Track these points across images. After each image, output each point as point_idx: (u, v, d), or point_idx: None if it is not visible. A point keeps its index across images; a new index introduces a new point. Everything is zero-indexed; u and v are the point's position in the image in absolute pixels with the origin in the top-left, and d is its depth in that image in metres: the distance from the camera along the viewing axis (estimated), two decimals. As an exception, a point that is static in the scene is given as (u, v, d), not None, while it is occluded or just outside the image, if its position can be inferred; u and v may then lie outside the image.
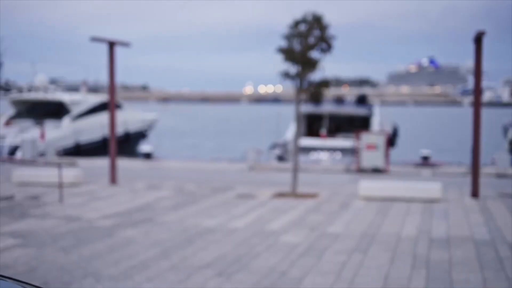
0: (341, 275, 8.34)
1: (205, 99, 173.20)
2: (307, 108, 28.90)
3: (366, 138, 21.38)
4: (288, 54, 15.05)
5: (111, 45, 17.28)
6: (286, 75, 15.24)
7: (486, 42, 15.48)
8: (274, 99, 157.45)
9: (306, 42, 14.97)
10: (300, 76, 15.15)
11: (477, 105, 15.77)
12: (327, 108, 29.37)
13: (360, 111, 29.07)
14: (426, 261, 9.15)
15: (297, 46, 15.04)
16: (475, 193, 15.41)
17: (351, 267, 8.76)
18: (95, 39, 16.87)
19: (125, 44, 17.78)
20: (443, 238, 10.74)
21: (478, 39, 15.36)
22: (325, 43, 14.99)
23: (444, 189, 15.44)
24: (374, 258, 9.27)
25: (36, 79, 35.02)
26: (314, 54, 15.07)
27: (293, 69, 15.16)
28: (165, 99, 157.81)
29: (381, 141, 21.20)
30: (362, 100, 30.38)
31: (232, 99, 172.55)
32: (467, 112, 27.85)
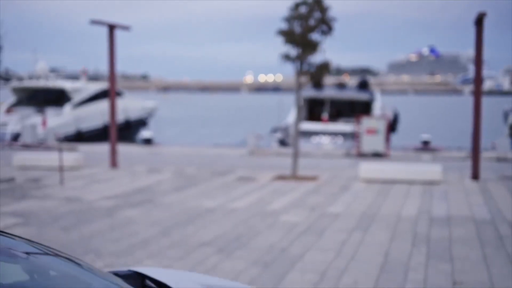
0: (342, 252, 8.35)
1: (205, 88, 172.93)
2: (308, 92, 28.85)
3: (366, 122, 21.35)
4: (288, 36, 15.00)
5: (111, 28, 17.23)
6: (287, 57, 15.19)
7: (486, 31, 15.43)
8: (275, 88, 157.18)
9: (306, 24, 14.91)
10: (300, 58, 15.10)
11: (478, 81, 15.73)
12: (328, 93, 29.31)
13: (362, 96, 29.00)
14: (426, 238, 9.16)
15: (297, 28, 14.99)
16: (475, 175, 15.41)
17: (352, 245, 8.77)
18: (95, 22, 16.82)
19: (125, 28, 17.72)
20: (443, 217, 10.74)
21: (479, 21, 15.30)
22: (325, 25, 14.93)
23: (444, 172, 15.43)
24: (374, 236, 9.28)
25: (37, 66, 34.95)
26: (315, 36, 15.02)
27: (293, 51, 15.11)
28: (165, 89, 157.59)
29: (381, 125, 21.17)
30: (363, 85, 30.29)
31: (232, 88, 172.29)
32: (467, 100, 27.79)
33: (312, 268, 7.52)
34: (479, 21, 15.28)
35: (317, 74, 15.13)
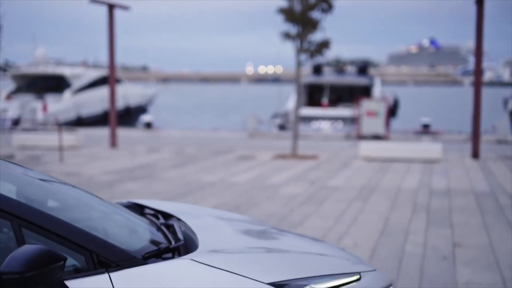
0: (342, 219, 8.35)
1: (205, 79, 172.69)
2: (308, 78, 28.79)
3: (366, 105, 21.32)
4: (289, 14, 14.95)
5: (111, 8, 17.18)
6: (287, 35, 15.15)
7: (486, 23, 15.40)
8: (275, 79, 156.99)
9: (306, 2, 14.85)
10: (300, 36, 15.06)
11: (478, 63, 15.68)
12: (327, 78, 29.26)
13: (361, 80, 28.94)
14: (426, 208, 9.16)
15: (297, 6, 14.94)
16: (475, 154, 15.39)
17: (351, 213, 8.77)
18: (94, 1, 16.76)
19: (124, 8, 17.67)
20: (443, 189, 10.74)
21: (480, 0, 15.25)
22: (325, 3, 14.88)
23: (444, 152, 15.42)
24: (374, 206, 9.28)
25: (37, 52, 34.87)
26: (315, 14, 14.97)
27: (293, 29, 15.07)
28: (165, 79, 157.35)
29: (381, 107, 21.15)
30: (363, 70, 30.23)
31: (232, 79, 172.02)
32: (468, 92, 27.70)
33: (312, 232, 7.51)
34: (480, 0, 15.23)
35: (317, 52, 15.08)
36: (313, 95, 29.09)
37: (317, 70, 30.15)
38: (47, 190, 2.56)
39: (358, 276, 2.68)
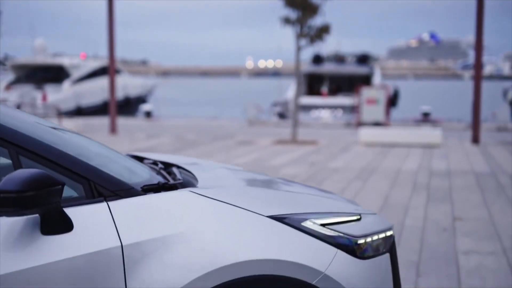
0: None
1: (205, 73, 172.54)
2: (308, 68, 28.76)
3: (366, 92, 21.29)
4: (289, -1, 14.90)
5: (110, -6, 17.15)
6: (286, 20, 15.11)
7: (486, 18, 15.42)
8: (274, 73, 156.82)
9: (306, -14, 14.81)
10: (300, 21, 15.02)
11: (478, 57, 15.65)
12: (327, 67, 29.24)
13: (361, 70, 28.89)
14: (426, 186, 9.15)
15: (297, -10, 14.89)
16: (475, 139, 15.38)
17: (351, 191, 8.76)
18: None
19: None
20: (443, 170, 10.73)
21: (480, -15, 15.22)
22: (325, -13, 14.83)
23: (444, 138, 15.41)
24: (374, 185, 9.27)
25: (36, 42, 34.82)
26: (315, -1, 14.92)
27: (293, 14, 15.03)
28: (165, 73, 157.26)
29: (381, 95, 21.12)
30: (363, 60, 30.19)
31: (232, 73, 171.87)
32: (468, 85, 27.67)
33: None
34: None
35: (317, 37, 15.04)
36: (313, 84, 29.06)
37: (317, 60, 30.10)
38: (52, 132, 2.54)
39: (358, 217, 2.67)
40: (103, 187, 2.26)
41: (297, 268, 2.31)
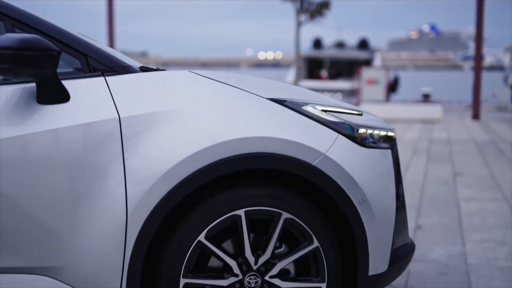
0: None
1: (205, 65, 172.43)
2: (308, 52, 28.70)
3: (367, 73, 21.25)
4: (288, -26, 14.86)
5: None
6: (286, -4, 15.07)
7: (487, 10, 15.43)
8: (274, 64, 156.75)
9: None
10: (300, -4, 14.97)
11: (479, 41, 15.61)
12: (328, 52, 29.19)
13: (362, 54, 28.85)
14: (427, 151, 9.13)
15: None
16: (475, 116, 15.36)
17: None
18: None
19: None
20: (443, 139, 10.71)
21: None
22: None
23: (444, 114, 15.40)
24: (374, 150, 9.24)
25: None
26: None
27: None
28: (165, 65, 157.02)
29: (381, 76, 21.07)
30: (363, 45, 30.15)
31: (232, 64, 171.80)
32: (468, 76, 27.61)
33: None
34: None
35: (317, 12, 14.99)
36: (313, 68, 29.01)
37: (317, 44, 30.06)
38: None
39: (360, 112, 2.64)
40: (101, 63, 2.23)
41: (297, 147, 2.27)
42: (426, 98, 24.84)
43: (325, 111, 2.44)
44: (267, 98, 2.35)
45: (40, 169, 2.06)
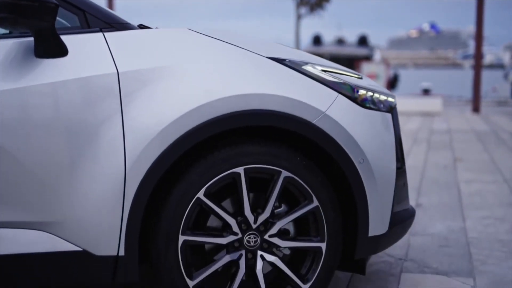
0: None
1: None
2: (308, 48, 28.71)
3: (366, 67, 21.24)
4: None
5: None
6: (286, -12, 15.04)
7: (487, 9, 15.43)
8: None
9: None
10: (300, -11, 14.96)
11: (479, 40, 15.59)
12: (327, 48, 29.20)
13: (361, 51, 28.89)
14: (427, 140, 9.12)
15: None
16: (476, 109, 15.33)
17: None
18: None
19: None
20: (443, 129, 10.70)
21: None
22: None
23: (444, 107, 15.38)
24: (374, 139, 9.23)
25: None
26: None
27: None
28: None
29: (381, 70, 21.07)
30: (363, 41, 30.16)
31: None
32: (468, 74, 27.62)
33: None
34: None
35: (317, 5, 14.98)
36: (312, 65, 29.03)
37: (317, 41, 30.07)
38: None
39: (360, 76, 2.63)
40: (99, 19, 2.21)
41: (297, 105, 2.26)
42: (426, 93, 24.78)
43: (325, 71, 2.43)
44: (267, 57, 2.34)
45: (38, 122, 2.05)
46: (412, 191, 4.99)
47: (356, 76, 2.60)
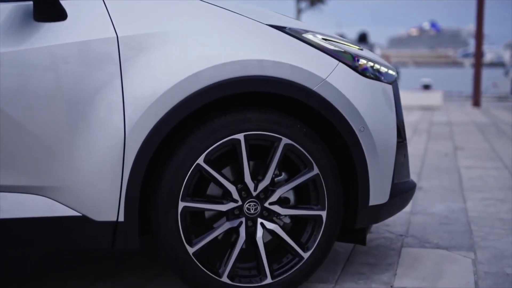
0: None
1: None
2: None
3: (367, 63, 21.21)
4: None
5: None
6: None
7: (487, 8, 15.42)
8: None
9: None
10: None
11: (479, 38, 15.58)
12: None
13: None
14: (427, 131, 9.10)
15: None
16: (476, 103, 15.32)
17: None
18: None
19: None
20: (444, 121, 10.69)
21: None
22: None
23: (445, 102, 15.37)
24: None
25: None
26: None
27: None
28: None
29: (382, 66, 21.03)
30: (363, 38, 30.15)
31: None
32: (468, 72, 27.65)
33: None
34: None
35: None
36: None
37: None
38: None
39: (361, 48, 2.62)
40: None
41: (297, 72, 2.25)
42: (426, 88, 24.79)
43: (325, 39, 2.42)
44: (267, 24, 2.33)
45: (37, 86, 2.04)
46: (413, 176, 4.97)
47: (357, 47, 2.60)
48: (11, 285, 2.52)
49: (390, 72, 2.69)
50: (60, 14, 2.08)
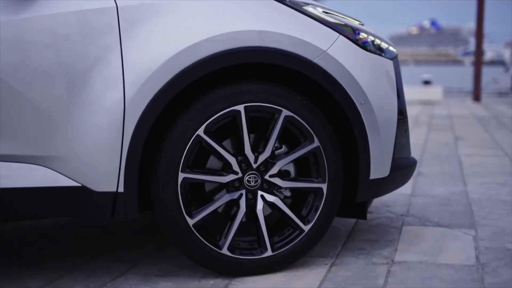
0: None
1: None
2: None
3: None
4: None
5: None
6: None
7: (488, 6, 15.39)
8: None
9: None
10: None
11: (479, 36, 15.55)
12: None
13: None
14: (427, 123, 9.09)
15: None
16: (476, 98, 15.30)
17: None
18: None
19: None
20: (444, 115, 10.67)
21: None
22: None
23: (445, 97, 15.35)
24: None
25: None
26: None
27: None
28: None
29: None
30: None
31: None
32: (468, 70, 27.57)
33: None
34: None
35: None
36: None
37: None
38: None
39: (361, 23, 2.61)
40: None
41: (298, 43, 2.24)
42: (426, 84, 24.70)
43: (326, 13, 2.41)
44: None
45: (37, 55, 2.03)
46: (413, 162, 4.98)
47: (358, 22, 2.59)
48: (9, 262, 2.52)
49: (391, 48, 2.68)
50: (58, -17, 2.07)
